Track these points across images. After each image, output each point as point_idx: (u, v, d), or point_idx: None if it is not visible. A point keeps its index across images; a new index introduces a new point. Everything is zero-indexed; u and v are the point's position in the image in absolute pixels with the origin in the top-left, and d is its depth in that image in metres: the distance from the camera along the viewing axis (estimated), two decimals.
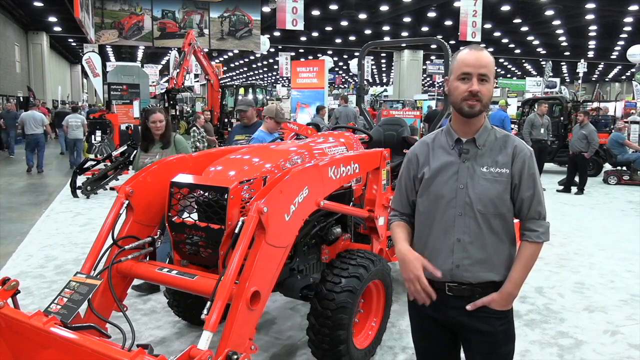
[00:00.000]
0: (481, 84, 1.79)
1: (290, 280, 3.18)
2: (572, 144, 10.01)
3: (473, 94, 1.78)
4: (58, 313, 2.12)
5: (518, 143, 1.87)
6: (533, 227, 1.85)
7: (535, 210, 1.85)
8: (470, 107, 1.80)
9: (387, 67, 42.93)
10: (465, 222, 1.83)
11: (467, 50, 1.83)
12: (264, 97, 19.53)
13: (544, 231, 1.86)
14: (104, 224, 2.69)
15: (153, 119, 4.39)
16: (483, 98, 1.79)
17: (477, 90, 1.77)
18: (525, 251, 1.85)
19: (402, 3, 21.65)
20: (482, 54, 1.81)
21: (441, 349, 2.01)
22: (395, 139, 4.91)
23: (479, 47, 1.84)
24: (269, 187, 2.41)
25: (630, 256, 5.84)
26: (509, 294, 1.83)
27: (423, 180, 1.93)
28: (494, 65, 1.83)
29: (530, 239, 1.85)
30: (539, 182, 1.86)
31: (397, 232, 2.00)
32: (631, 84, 30.70)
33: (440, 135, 1.96)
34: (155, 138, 4.45)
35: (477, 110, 1.81)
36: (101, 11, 20.14)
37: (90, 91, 39.47)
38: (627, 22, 24.72)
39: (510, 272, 1.85)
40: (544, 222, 1.87)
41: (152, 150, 4.45)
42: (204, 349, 1.88)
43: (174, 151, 4.35)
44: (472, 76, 1.78)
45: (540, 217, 1.86)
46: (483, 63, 1.79)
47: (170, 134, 4.50)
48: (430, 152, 1.94)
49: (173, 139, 4.49)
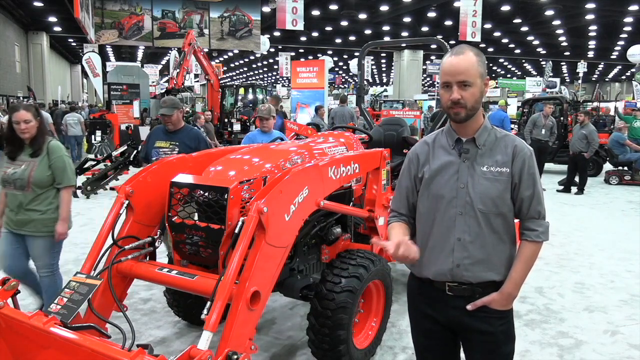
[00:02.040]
0: (463, 90, 1.78)
1: (290, 280, 3.18)
2: (572, 144, 10.01)
3: (454, 102, 1.79)
4: (58, 313, 2.12)
5: (518, 143, 1.87)
6: (533, 227, 1.85)
7: (535, 210, 1.85)
8: (455, 114, 1.82)
9: (387, 67, 42.92)
10: (466, 222, 1.83)
11: (447, 56, 1.83)
12: (264, 97, 19.53)
13: (544, 230, 1.86)
14: (104, 224, 2.69)
15: (16, 118, 3.35)
16: (467, 103, 1.79)
17: (457, 98, 1.78)
18: (525, 251, 1.86)
19: (402, 3, 21.65)
20: (459, 59, 1.78)
21: (441, 348, 2.00)
22: (395, 139, 4.91)
23: (460, 50, 1.81)
24: (269, 187, 2.41)
25: (630, 256, 5.84)
26: (509, 293, 1.84)
27: (423, 180, 1.93)
28: (476, 66, 1.78)
29: (530, 239, 1.85)
30: (538, 182, 1.86)
31: (393, 232, 1.98)
32: (631, 84, 30.70)
33: (441, 135, 1.96)
34: (25, 143, 3.44)
35: (463, 116, 1.81)
36: (101, 11, 20.15)
37: (90, 91, 39.46)
38: (627, 22, 24.72)
39: (510, 272, 1.85)
40: (544, 222, 1.87)
41: (19, 158, 3.44)
42: (204, 349, 1.88)
43: (45, 161, 3.41)
44: (452, 84, 1.79)
45: (540, 216, 1.86)
46: (460, 70, 1.77)
47: (45, 139, 3.47)
48: (430, 152, 1.94)
49: (47, 145, 3.45)
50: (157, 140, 4.43)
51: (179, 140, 4.35)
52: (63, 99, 26.32)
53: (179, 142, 4.33)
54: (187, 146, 4.24)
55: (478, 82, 1.80)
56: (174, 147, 4.30)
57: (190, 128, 4.57)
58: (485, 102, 20.00)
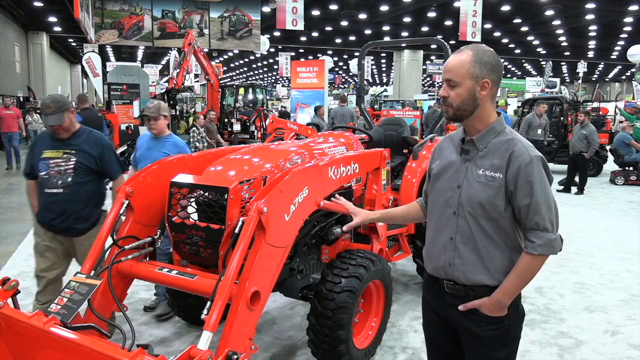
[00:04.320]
0: (450, 89, 1.80)
1: (290, 280, 3.18)
2: (572, 144, 10.01)
3: (443, 99, 1.83)
4: (58, 313, 2.12)
5: (517, 149, 1.76)
6: (530, 238, 1.75)
7: (533, 221, 1.73)
8: (445, 111, 1.86)
9: (387, 67, 42.90)
10: (458, 222, 1.84)
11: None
12: (264, 97, 19.51)
13: (542, 244, 1.73)
14: (104, 224, 2.69)
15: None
16: (452, 103, 1.81)
17: (443, 95, 1.83)
18: (521, 261, 1.78)
19: (402, 3, 21.64)
20: (453, 57, 1.81)
21: (445, 342, 2.02)
22: (395, 139, 4.91)
23: (462, 48, 1.82)
24: (269, 187, 2.41)
25: (630, 256, 5.84)
26: (497, 300, 1.79)
27: (432, 175, 1.99)
28: (468, 66, 1.76)
29: (527, 250, 1.76)
30: (539, 191, 1.72)
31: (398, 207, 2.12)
32: (631, 84, 30.70)
33: (460, 132, 1.96)
34: None
35: (450, 115, 1.84)
36: (101, 11, 20.13)
37: (90, 91, 39.36)
38: (627, 22, 24.71)
39: (504, 280, 1.80)
40: (545, 234, 1.73)
41: None
42: (204, 349, 1.88)
43: None
44: (444, 83, 1.82)
45: (540, 228, 1.73)
46: (448, 68, 1.81)
47: None
48: (445, 148, 1.98)
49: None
50: (44, 150, 3.36)
51: (76, 148, 3.34)
52: None
53: (77, 150, 3.33)
54: (88, 154, 3.34)
55: (467, 82, 1.77)
56: (70, 157, 3.30)
57: (90, 131, 3.48)
58: None
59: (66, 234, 3.37)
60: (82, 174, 3.31)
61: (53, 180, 3.26)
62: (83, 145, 3.36)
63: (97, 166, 3.37)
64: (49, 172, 3.27)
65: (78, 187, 3.30)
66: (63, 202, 3.28)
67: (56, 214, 3.29)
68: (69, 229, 3.34)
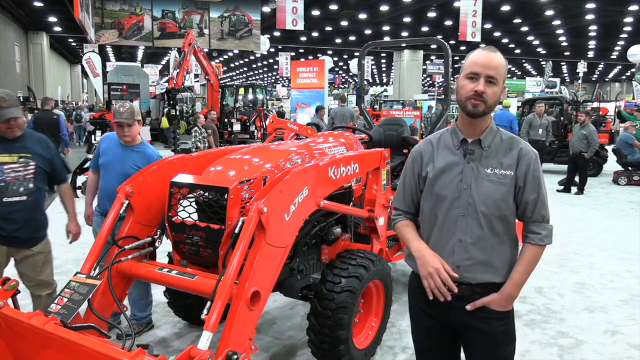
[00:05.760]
0: (488, 86, 1.78)
1: (290, 280, 3.18)
2: (572, 144, 10.00)
3: (478, 93, 1.77)
4: (58, 313, 2.12)
5: (524, 146, 1.87)
6: (536, 230, 1.85)
7: (539, 214, 1.85)
8: (474, 106, 1.79)
9: (387, 67, 42.92)
10: (468, 223, 1.83)
11: (480, 50, 1.83)
12: (264, 97, 19.51)
13: (547, 234, 1.86)
14: (104, 224, 2.69)
15: None
16: (488, 100, 1.78)
17: (482, 90, 1.76)
18: (527, 253, 1.86)
19: (402, 3, 21.65)
20: (495, 55, 1.80)
21: (441, 348, 2.01)
22: (395, 139, 4.90)
23: (493, 48, 1.83)
24: (269, 187, 2.41)
25: (630, 256, 5.84)
26: (509, 294, 1.84)
27: (427, 180, 1.93)
28: (505, 69, 1.81)
29: (533, 242, 1.85)
30: (543, 186, 1.85)
31: (407, 232, 2.00)
32: (631, 84, 30.72)
33: (446, 134, 1.95)
34: None
35: (480, 110, 1.79)
36: (101, 11, 20.14)
37: (90, 91, 39.45)
38: (627, 22, 24.72)
39: (512, 273, 1.85)
40: (547, 225, 1.87)
41: None
42: (204, 349, 1.88)
43: None
44: (480, 76, 1.77)
45: (544, 220, 1.86)
46: (493, 65, 1.78)
47: None
48: (434, 151, 1.95)
49: None
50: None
51: (30, 151, 3.05)
52: (63, 99, 26.32)
53: (32, 154, 3.06)
54: (43, 157, 3.12)
55: (501, 84, 1.81)
56: (28, 161, 3.03)
57: (32, 133, 3.21)
58: None
59: (25, 245, 3.10)
60: (41, 178, 3.12)
61: (13, 188, 2.96)
62: (36, 148, 3.09)
63: (50, 170, 3.17)
64: (4, 179, 2.93)
65: (39, 193, 3.11)
66: (27, 211, 3.04)
67: (20, 224, 3.02)
68: (31, 239, 3.12)
